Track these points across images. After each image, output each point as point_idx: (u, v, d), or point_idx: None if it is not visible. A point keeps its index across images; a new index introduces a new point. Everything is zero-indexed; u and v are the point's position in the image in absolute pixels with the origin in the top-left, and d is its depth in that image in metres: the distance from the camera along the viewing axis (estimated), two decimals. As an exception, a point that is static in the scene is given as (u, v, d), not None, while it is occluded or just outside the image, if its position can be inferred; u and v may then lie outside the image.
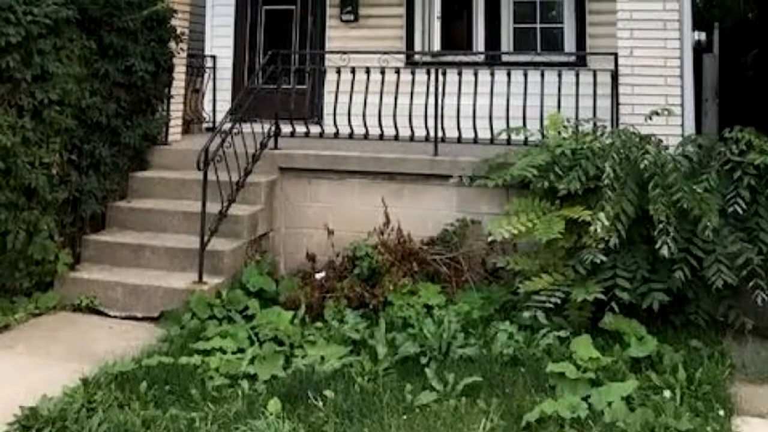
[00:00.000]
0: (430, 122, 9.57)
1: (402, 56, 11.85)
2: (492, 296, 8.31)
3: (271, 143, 9.93)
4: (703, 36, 17.38)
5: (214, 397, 6.34)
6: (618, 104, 9.21)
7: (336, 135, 10.26)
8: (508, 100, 9.55)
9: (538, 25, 12.54)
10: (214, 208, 8.75)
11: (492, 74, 9.80)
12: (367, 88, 9.90)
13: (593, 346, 6.87)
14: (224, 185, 8.85)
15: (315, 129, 10.59)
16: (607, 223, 7.23)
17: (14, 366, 7.02)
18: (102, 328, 8.03)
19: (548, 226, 7.64)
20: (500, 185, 8.46)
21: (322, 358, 7.02)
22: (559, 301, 7.38)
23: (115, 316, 8.32)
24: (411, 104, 9.84)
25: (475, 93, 9.66)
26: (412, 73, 9.98)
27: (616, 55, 9.29)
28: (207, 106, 13.05)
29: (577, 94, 9.43)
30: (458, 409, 6.10)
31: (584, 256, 7.38)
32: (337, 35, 13.12)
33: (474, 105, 9.64)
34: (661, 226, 7.13)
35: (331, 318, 7.94)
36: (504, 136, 9.36)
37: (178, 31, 10.66)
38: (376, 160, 9.53)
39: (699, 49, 14.83)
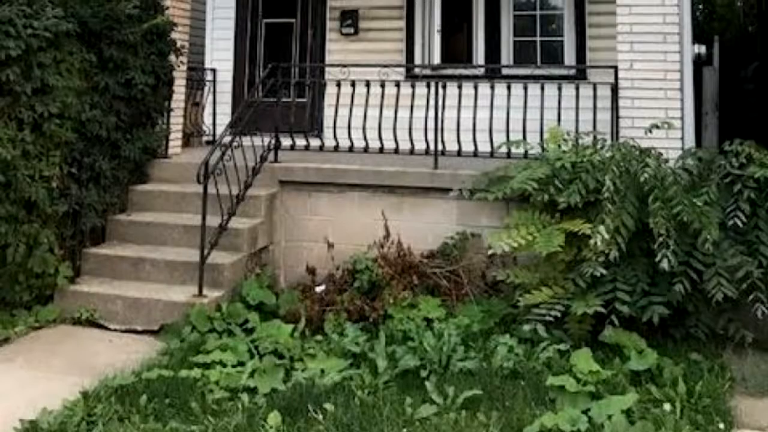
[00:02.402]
0: (430, 135, 9.57)
1: (402, 69, 11.84)
2: (492, 309, 8.30)
3: (271, 156, 9.94)
4: (703, 49, 17.43)
5: (214, 410, 6.33)
6: (618, 117, 9.21)
7: (336, 148, 10.26)
8: (508, 113, 9.55)
9: (538, 39, 12.57)
10: (214, 221, 8.75)
11: (492, 87, 9.79)
12: (367, 101, 9.90)
13: (593, 359, 6.86)
14: (224, 198, 8.86)
15: (315, 142, 10.58)
16: (607, 236, 7.22)
17: (14, 379, 7.02)
18: (102, 342, 8.03)
19: (548, 240, 7.64)
20: (500, 198, 8.46)
21: (322, 371, 7.01)
22: (559, 315, 7.37)
23: (115, 330, 8.31)
24: (411, 117, 9.85)
25: (475, 106, 9.66)
26: (412, 86, 10.00)
27: (616, 68, 9.30)
28: (207, 119, 13.08)
29: (577, 107, 9.43)
30: (458, 422, 6.09)
31: (584, 269, 7.37)
32: (337, 48, 13.17)
33: (474, 118, 9.63)
34: (661, 239, 7.14)
35: (331, 331, 7.93)
36: (504, 149, 9.36)
37: (178, 44, 10.68)
38: (376, 173, 9.54)
39: (699, 62, 14.88)
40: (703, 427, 6.01)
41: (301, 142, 10.44)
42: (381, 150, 10.00)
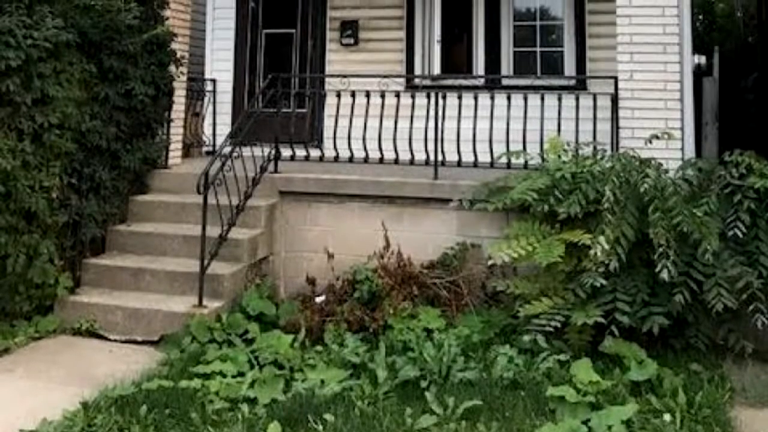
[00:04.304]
0: (430, 146, 9.58)
1: (402, 80, 11.84)
2: (492, 320, 8.30)
3: (271, 167, 9.94)
4: (703, 59, 17.44)
5: (214, 420, 6.32)
6: (618, 128, 9.21)
7: (336, 158, 10.26)
8: (508, 124, 9.55)
9: (538, 49, 12.58)
10: (214, 231, 8.75)
11: (492, 98, 9.80)
12: (367, 111, 9.91)
13: (593, 369, 6.86)
14: (224, 209, 8.86)
15: (315, 152, 10.59)
16: (607, 246, 7.22)
17: (14, 389, 7.01)
18: (102, 352, 8.02)
19: (548, 250, 7.64)
20: (500, 209, 8.47)
21: (322, 381, 6.99)
22: (559, 325, 7.37)
23: (115, 340, 8.30)
24: (411, 128, 9.86)
25: (475, 116, 9.66)
26: (412, 96, 10.01)
27: (616, 78, 9.30)
28: (207, 129, 13.09)
29: (577, 118, 9.44)
30: (458, 432, 6.10)
31: (584, 279, 7.37)
32: (337, 59, 13.18)
33: (474, 128, 9.63)
34: (661, 249, 7.14)
35: (331, 342, 7.92)
36: (504, 159, 9.36)
37: (178, 54, 10.69)
38: (376, 183, 9.54)
39: (699, 73, 14.88)
40: (703, 437, 6.02)
41: (301, 152, 10.46)
42: (381, 160, 10.01)
